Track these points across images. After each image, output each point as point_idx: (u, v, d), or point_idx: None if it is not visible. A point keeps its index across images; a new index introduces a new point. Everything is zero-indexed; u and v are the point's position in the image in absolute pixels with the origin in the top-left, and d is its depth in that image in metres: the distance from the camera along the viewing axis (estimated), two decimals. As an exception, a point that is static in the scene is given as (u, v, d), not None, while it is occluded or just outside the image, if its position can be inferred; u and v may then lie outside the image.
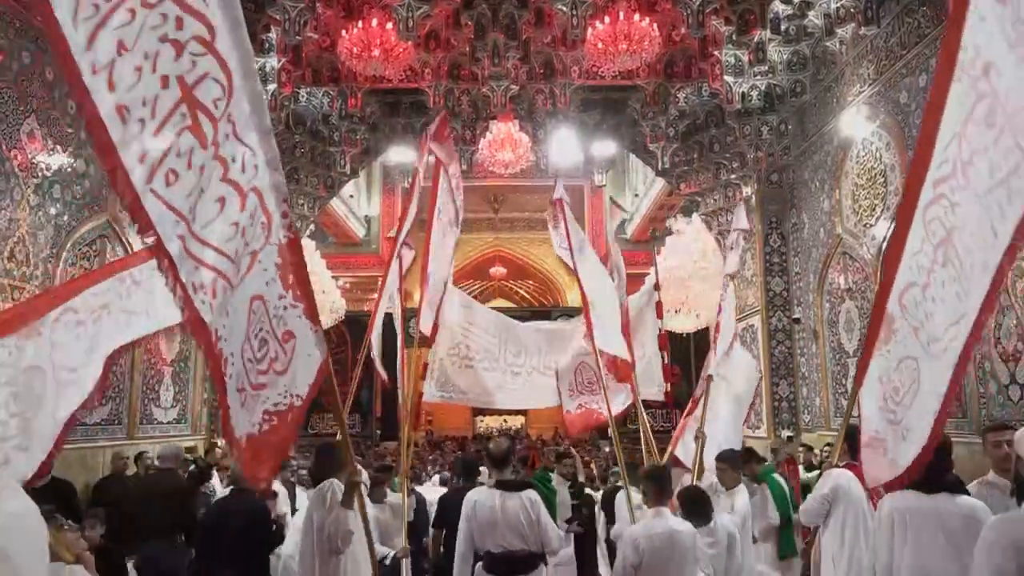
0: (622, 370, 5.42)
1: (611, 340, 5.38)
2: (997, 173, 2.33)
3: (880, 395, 2.95)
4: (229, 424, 2.32)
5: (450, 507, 5.04)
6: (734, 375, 5.90)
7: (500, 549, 4.09)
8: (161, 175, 1.95)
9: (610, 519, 5.24)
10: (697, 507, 4.21)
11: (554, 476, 6.46)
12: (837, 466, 4.41)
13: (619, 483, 5.80)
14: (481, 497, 4.21)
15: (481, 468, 6.13)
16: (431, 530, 5.47)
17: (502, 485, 4.24)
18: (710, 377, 5.57)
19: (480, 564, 4.20)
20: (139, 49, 1.90)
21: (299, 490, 6.80)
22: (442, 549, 5.09)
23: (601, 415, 5.72)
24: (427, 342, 6.12)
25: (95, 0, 1.80)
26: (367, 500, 4.08)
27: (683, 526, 3.86)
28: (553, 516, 4.53)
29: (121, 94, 1.87)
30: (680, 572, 3.72)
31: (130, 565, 5.07)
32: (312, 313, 2.46)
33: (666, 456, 6.20)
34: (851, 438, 4.09)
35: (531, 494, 4.19)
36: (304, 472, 9.17)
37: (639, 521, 4.15)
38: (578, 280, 5.39)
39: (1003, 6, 2.20)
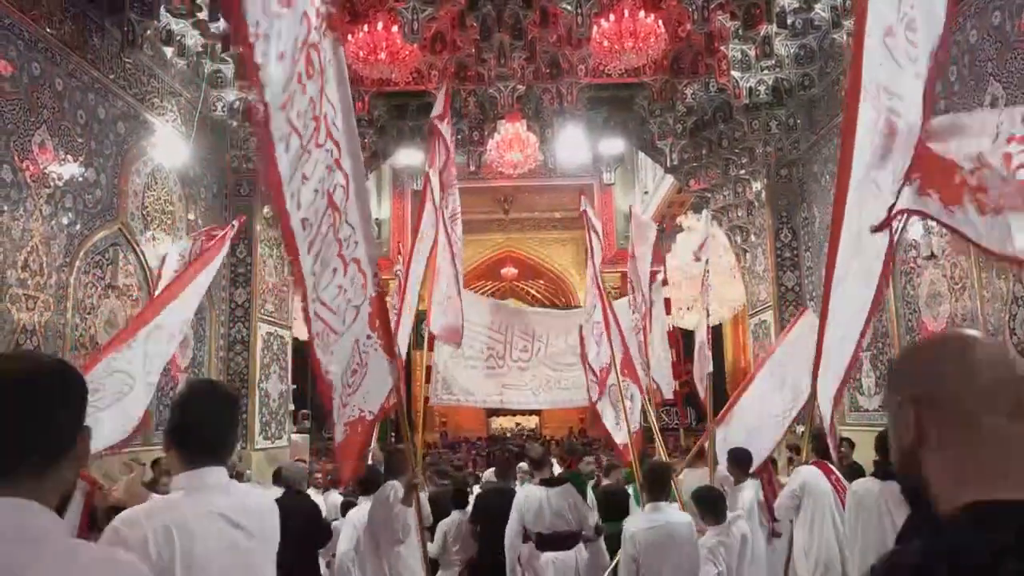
0: (630, 369, 5.48)
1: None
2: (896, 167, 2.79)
3: (830, 388, 3.49)
4: (335, 438, 3.09)
5: (484, 505, 5.64)
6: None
7: (549, 531, 4.99)
8: (320, 259, 2.83)
9: (603, 516, 5.51)
10: (710, 506, 4.28)
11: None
12: (805, 463, 4.77)
13: (609, 482, 6.33)
14: (530, 492, 5.12)
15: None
16: (467, 525, 5.80)
17: (545, 482, 5.14)
18: (710, 375, 5.77)
19: (531, 543, 5.05)
20: (315, 177, 2.76)
21: (312, 492, 6.83)
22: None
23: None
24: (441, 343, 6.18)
25: (298, 151, 2.65)
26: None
27: (680, 518, 3.95)
28: None
29: (304, 211, 2.72)
30: (679, 563, 3.78)
31: None
32: (390, 349, 3.18)
33: (693, 451, 6.24)
34: (814, 439, 4.63)
35: (569, 487, 5.13)
36: (318, 475, 9.23)
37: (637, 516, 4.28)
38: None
39: (892, 38, 2.70)
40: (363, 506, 5.02)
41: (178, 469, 1.88)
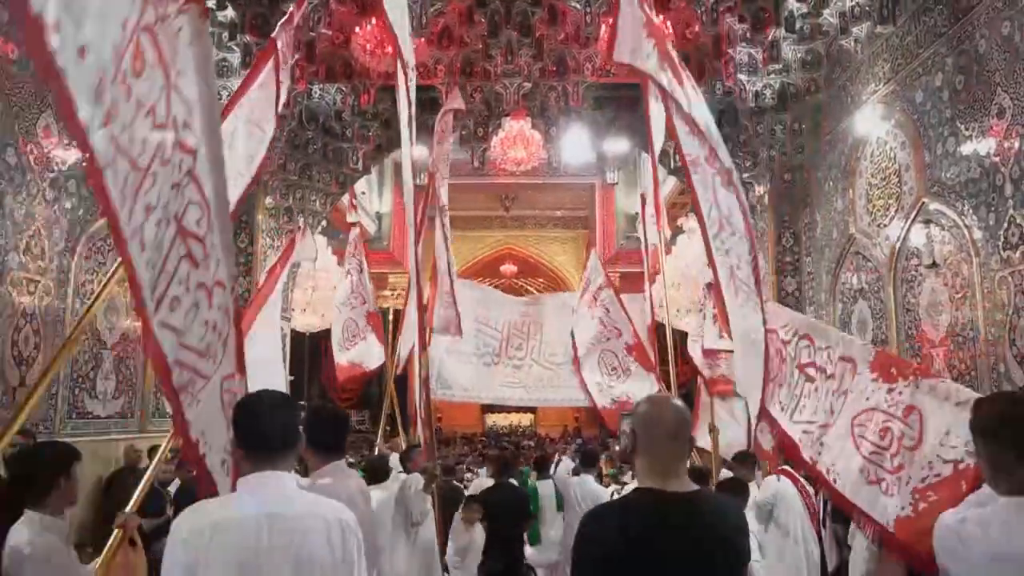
0: (642, 355, 5.60)
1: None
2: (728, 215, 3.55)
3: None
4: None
5: (490, 503, 5.87)
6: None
7: None
8: (167, 304, 2.17)
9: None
10: (736, 497, 4.44)
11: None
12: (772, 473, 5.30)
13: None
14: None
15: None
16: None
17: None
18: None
19: None
20: (160, 205, 2.08)
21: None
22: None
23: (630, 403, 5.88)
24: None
25: (132, 179, 1.93)
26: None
27: None
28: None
29: (149, 253, 2.05)
30: None
31: None
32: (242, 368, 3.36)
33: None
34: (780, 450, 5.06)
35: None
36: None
37: None
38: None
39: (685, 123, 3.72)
40: (373, 494, 5.07)
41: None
